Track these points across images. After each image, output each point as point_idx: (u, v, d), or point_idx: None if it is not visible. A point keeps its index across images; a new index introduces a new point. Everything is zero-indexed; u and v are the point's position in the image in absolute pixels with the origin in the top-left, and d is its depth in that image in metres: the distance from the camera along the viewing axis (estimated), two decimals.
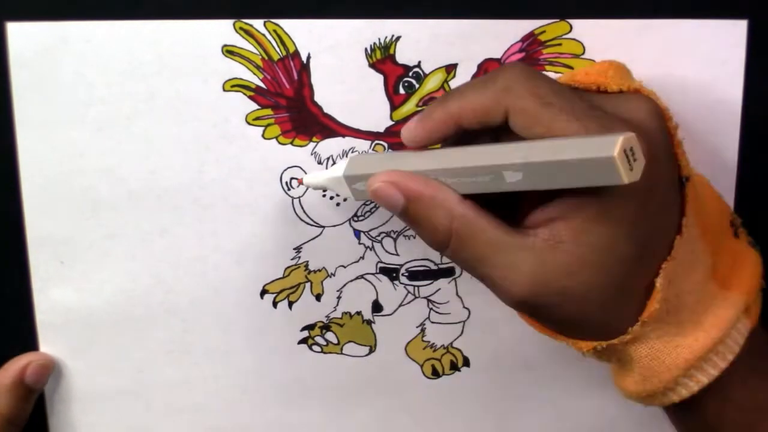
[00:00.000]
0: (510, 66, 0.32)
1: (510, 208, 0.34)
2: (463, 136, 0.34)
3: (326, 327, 0.43)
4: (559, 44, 0.40)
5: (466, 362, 0.44)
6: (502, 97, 0.31)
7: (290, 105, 0.40)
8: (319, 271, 0.42)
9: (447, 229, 0.32)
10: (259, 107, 0.40)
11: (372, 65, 0.39)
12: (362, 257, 0.42)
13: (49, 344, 0.42)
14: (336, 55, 0.39)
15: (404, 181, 0.33)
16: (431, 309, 0.43)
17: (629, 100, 0.33)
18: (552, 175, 0.29)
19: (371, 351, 0.43)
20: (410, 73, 0.40)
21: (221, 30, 0.38)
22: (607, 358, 0.35)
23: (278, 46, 0.39)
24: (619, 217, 0.30)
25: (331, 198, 0.41)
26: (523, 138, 0.31)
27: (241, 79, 0.39)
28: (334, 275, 0.42)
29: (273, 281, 0.42)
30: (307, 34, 0.39)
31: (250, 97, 0.39)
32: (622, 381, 0.36)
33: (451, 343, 0.44)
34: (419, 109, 0.40)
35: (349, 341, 0.43)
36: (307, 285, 0.42)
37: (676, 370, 0.33)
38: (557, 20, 0.39)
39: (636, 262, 0.31)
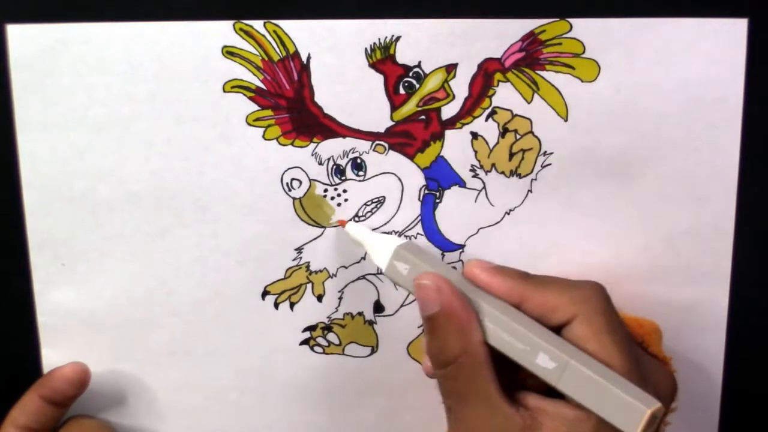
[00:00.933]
0: (594, 283, 0.35)
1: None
2: None
3: (328, 328, 0.43)
4: (560, 43, 0.40)
5: None
6: (578, 304, 0.34)
7: (290, 106, 0.40)
8: (321, 271, 0.42)
9: (454, 357, 0.34)
10: (259, 108, 0.39)
11: (372, 65, 0.39)
12: (363, 258, 0.42)
13: (50, 346, 0.42)
14: (336, 56, 0.39)
15: (449, 295, 0.34)
16: None
17: (662, 373, 0.37)
18: (580, 387, 0.31)
19: (373, 351, 0.43)
20: (410, 73, 0.40)
21: (221, 31, 0.38)
22: None
23: (278, 47, 0.39)
24: None
25: (332, 198, 0.41)
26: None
27: (241, 80, 0.39)
28: (335, 276, 0.42)
29: (274, 282, 0.42)
30: (307, 35, 0.39)
31: (250, 98, 0.39)
32: None
33: None
34: (419, 109, 0.40)
35: (351, 342, 0.43)
36: (309, 286, 0.42)
37: None
38: (557, 19, 0.39)
39: None
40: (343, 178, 0.41)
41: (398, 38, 0.39)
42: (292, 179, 0.40)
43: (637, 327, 0.39)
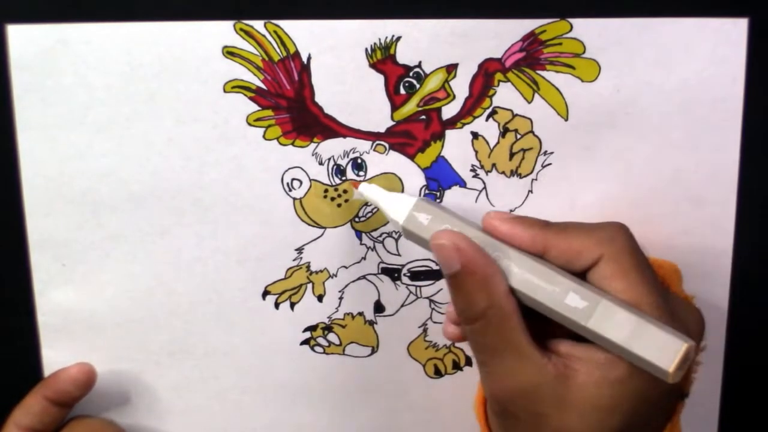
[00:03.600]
0: (615, 223, 0.34)
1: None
2: None
3: (328, 328, 0.43)
4: (560, 43, 0.40)
5: (469, 362, 0.44)
6: (602, 245, 0.33)
7: (291, 106, 0.40)
8: (321, 271, 0.42)
9: (480, 312, 0.33)
10: (259, 108, 0.39)
11: (372, 65, 0.39)
12: (364, 258, 0.42)
13: (50, 347, 0.42)
14: (336, 56, 0.39)
15: (468, 251, 0.33)
16: (433, 309, 0.43)
17: (689, 311, 0.36)
18: (613, 325, 0.31)
19: (373, 351, 0.43)
20: (411, 73, 0.40)
21: (221, 31, 0.38)
22: None
23: (278, 47, 0.39)
24: (630, 396, 0.31)
25: (333, 199, 0.41)
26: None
27: (241, 80, 0.39)
28: (335, 276, 0.42)
29: (275, 282, 0.42)
30: (307, 35, 0.39)
31: (250, 98, 0.39)
32: None
33: (454, 343, 0.44)
34: (420, 109, 0.40)
35: (352, 342, 0.43)
36: (309, 286, 0.42)
37: None
38: (558, 19, 0.39)
39: None
40: (344, 178, 0.41)
41: (398, 38, 0.39)
42: (293, 179, 0.40)
43: (657, 268, 0.38)
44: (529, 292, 0.33)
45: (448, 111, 0.40)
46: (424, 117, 0.40)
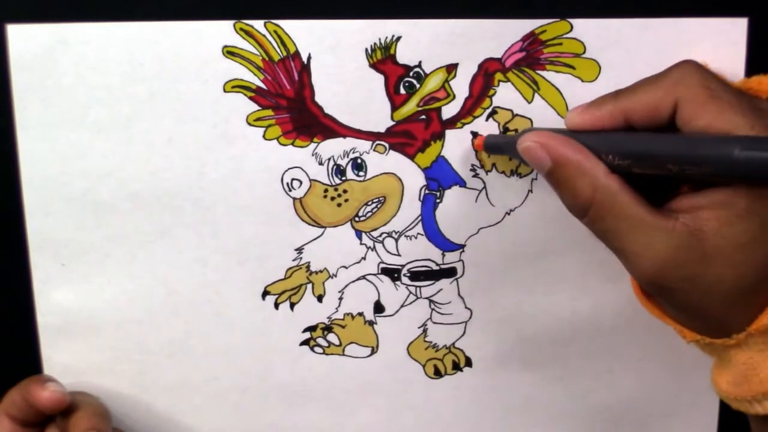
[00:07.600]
0: (683, 62, 0.34)
1: (657, 188, 0.34)
2: None
3: (328, 328, 0.43)
4: (560, 44, 0.40)
5: (468, 362, 0.44)
6: (673, 89, 0.32)
7: (291, 105, 0.40)
8: (321, 272, 0.42)
9: (589, 198, 0.33)
10: (259, 108, 0.39)
11: (372, 65, 0.39)
12: (364, 258, 0.42)
13: (50, 347, 0.42)
14: (336, 56, 0.39)
15: (554, 144, 0.34)
16: (433, 309, 0.43)
17: None
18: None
19: (373, 352, 0.43)
20: (411, 73, 0.40)
21: (222, 31, 0.38)
22: (708, 352, 0.35)
23: (279, 47, 0.39)
24: (766, 221, 0.31)
25: (332, 199, 0.41)
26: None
27: (241, 80, 0.39)
28: (335, 276, 0.42)
29: (274, 282, 0.42)
30: (307, 35, 0.39)
31: (250, 98, 0.39)
32: (718, 377, 0.35)
33: (453, 344, 0.44)
34: (420, 109, 0.40)
35: (351, 342, 0.43)
36: (309, 286, 0.42)
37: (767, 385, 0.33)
38: (558, 20, 0.39)
39: None
40: (344, 178, 0.41)
41: (399, 38, 0.39)
42: (293, 179, 0.40)
43: (759, 84, 0.36)
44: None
45: (448, 111, 0.40)
46: (424, 117, 0.40)
